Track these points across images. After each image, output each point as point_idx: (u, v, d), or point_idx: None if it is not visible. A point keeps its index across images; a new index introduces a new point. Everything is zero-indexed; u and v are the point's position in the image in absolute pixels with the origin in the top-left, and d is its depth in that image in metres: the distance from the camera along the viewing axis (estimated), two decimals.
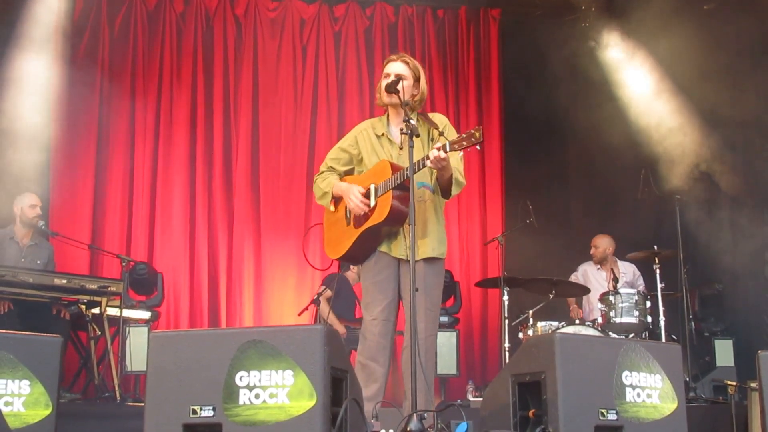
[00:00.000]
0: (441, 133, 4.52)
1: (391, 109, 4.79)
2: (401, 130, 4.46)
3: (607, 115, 8.72)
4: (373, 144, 4.78)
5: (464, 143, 4.25)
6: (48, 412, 3.77)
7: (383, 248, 4.67)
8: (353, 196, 4.63)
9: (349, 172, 4.89)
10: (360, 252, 4.72)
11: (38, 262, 7.22)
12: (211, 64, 9.31)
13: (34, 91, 8.26)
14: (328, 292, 7.87)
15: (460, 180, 4.63)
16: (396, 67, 4.76)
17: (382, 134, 4.78)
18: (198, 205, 9.05)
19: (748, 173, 8.21)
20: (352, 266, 7.81)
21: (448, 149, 4.30)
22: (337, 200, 4.82)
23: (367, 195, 4.63)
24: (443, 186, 4.63)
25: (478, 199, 9.54)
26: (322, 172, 4.90)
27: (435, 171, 4.55)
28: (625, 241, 8.38)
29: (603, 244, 8.25)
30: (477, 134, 4.22)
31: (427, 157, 4.35)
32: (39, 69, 8.31)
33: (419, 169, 4.42)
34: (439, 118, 4.78)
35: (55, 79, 8.57)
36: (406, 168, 4.38)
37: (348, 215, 4.74)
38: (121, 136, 9.00)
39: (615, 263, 8.28)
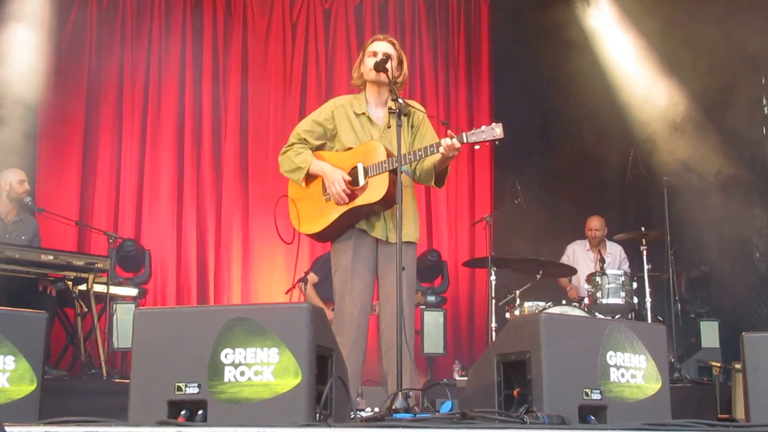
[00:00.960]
0: (447, 125, 4.49)
1: (372, 88, 4.76)
2: (390, 109, 4.47)
3: (598, 97, 8.72)
4: (351, 122, 4.73)
5: (484, 136, 4.28)
6: (33, 387, 3.77)
7: (363, 227, 4.65)
8: (336, 183, 4.57)
9: (320, 147, 4.81)
10: (337, 230, 4.67)
11: (23, 237, 7.19)
12: (200, 42, 9.25)
13: (20, 67, 8.18)
14: (314, 277, 7.84)
15: (448, 170, 4.71)
16: (384, 46, 4.75)
17: (362, 113, 4.74)
18: (186, 182, 9.03)
19: (739, 156, 8.22)
20: None
21: (465, 140, 4.32)
22: (308, 177, 4.73)
23: (353, 175, 4.61)
24: (439, 174, 4.65)
25: (467, 179, 9.54)
26: (293, 144, 4.79)
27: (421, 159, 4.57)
28: (613, 222, 8.41)
29: (601, 226, 8.29)
30: (497, 130, 4.27)
31: (438, 145, 4.37)
32: (26, 44, 8.24)
33: (428, 155, 4.45)
34: (416, 106, 4.77)
35: (42, 55, 8.51)
36: (411, 151, 4.46)
37: (326, 191, 4.67)
38: (109, 113, 8.96)
39: (604, 244, 8.32)
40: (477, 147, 4.46)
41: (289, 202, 4.83)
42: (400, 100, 4.31)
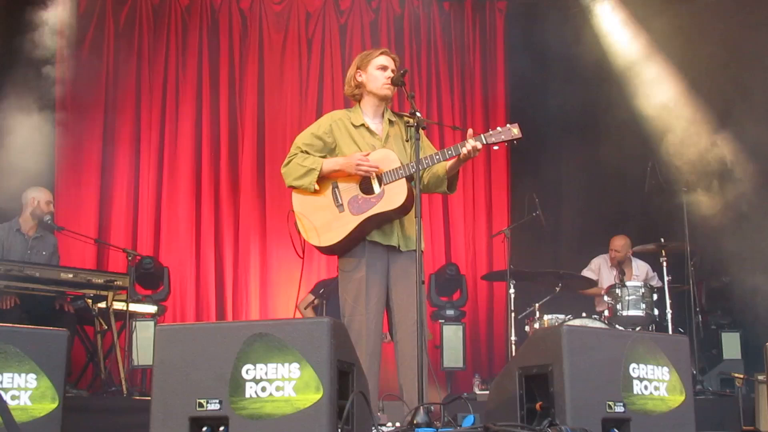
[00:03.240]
0: (459, 129, 4.54)
1: (371, 100, 4.76)
2: (407, 123, 4.46)
3: (615, 106, 8.67)
4: (351, 134, 4.73)
5: (502, 136, 4.34)
6: (54, 405, 3.78)
7: (374, 238, 4.60)
8: (359, 161, 4.53)
9: None
10: (352, 241, 4.60)
11: (43, 253, 7.22)
12: (217, 59, 9.30)
13: (39, 85, 8.25)
14: (311, 298, 7.87)
15: (458, 174, 4.73)
16: (392, 62, 4.75)
17: (361, 124, 4.74)
18: (204, 199, 9.06)
19: (758, 163, 8.15)
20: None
21: (485, 141, 4.37)
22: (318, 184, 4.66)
23: (366, 184, 4.59)
24: (451, 179, 4.65)
25: (484, 192, 9.53)
26: (296, 154, 4.71)
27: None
28: (633, 233, 8.36)
29: (624, 247, 8.19)
30: (515, 130, 4.35)
31: (461, 146, 4.40)
32: (44, 63, 8.30)
33: (446, 158, 4.48)
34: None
35: (59, 73, 8.59)
36: (427, 156, 4.47)
37: (339, 201, 4.61)
38: (127, 131, 9.01)
39: (630, 262, 8.25)
40: (496, 148, 4.50)
41: (297, 217, 4.73)
42: (418, 113, 4.31)
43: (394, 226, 4.61)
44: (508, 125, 4.41)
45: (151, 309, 7.70)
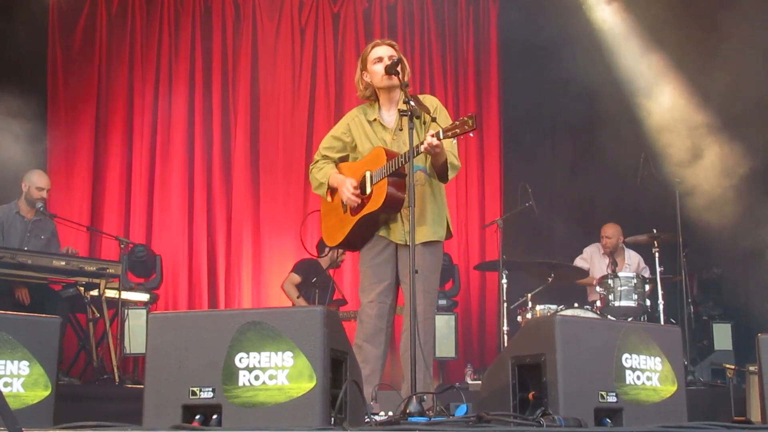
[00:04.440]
0: (434, 119, 4.50)
1: (383, 93, 4.77)
2: (400, 111, 4.45)
3: (608, 96, 8.67)
4: (365, 130, 4.77)
5: (457, 130, 4.25)
6: (47, 393, 3.77)
7: (382, 233, 4.69)
8: (346, 190, 4.65)
9: (344, 159, 4.88)
10: (358, 238, 4.75)
11: (42, 237, 7.23)
12: (210, 45, 9.27)
13: (31, 71, 8.22)
14: (296, 278, 7.90)
15: (455, 163, 4.63)
16: (386, 50, 4.73)
17: (374, 119, 4.76)
18: (196, 188, 9.04)
19: (751, 155, 8.17)
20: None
21: (441, 136, 4.30)
22: (332, 190, 4.83)
23: (362, 184, 4.62)
24: (438, 171, 4.62)
25: (477, 182, 9.52)
26: (317, 162, 4.90)
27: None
28: (626, 224, 8.37)
29: (615, 233, 8.20)
30: (470, 122, 4.22)
31: (420, 144, 4.34)
32: (35, 48, 8.27)
33: (416, 155, 4.41)
34: (430, 100, 4.74)
35: (51, 59, 8.55)
36: (402, 154, 4.41)
37: (344, 203, 4.75)
38: (120, 118, 8.99)
39: (622, 251, 8.25)
40: (454, 141, 4.43)
41: (320, 218, 5.01)
42: (411, 102, 4.29)
43: (398, 221, 4.63)
44: (467, 116, 4.25)
45: (144, 297, 7.70)
